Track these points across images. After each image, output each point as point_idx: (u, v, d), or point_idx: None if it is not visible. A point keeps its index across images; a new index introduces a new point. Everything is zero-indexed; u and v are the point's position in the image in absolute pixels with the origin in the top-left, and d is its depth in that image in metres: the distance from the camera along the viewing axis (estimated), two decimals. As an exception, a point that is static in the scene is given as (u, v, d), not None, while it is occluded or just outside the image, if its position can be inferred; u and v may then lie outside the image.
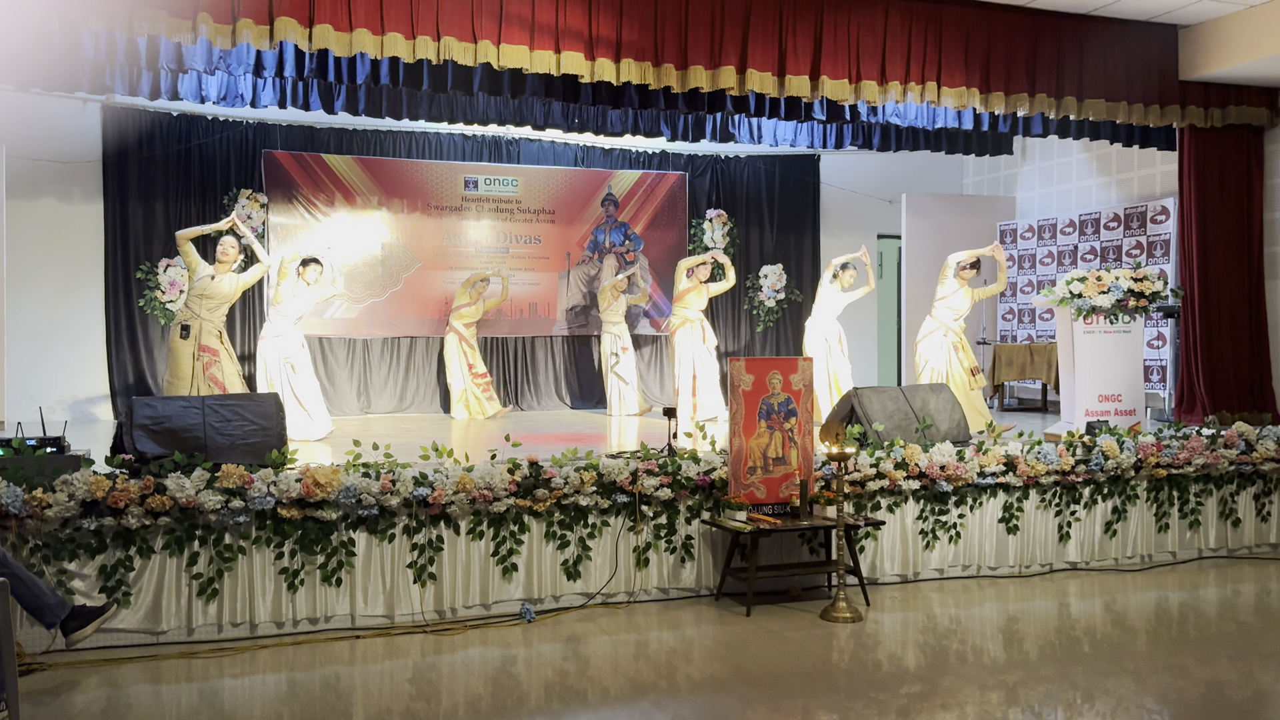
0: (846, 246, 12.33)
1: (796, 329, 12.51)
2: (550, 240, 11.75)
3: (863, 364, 11.64)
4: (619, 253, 11.95)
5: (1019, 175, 12.35)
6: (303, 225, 10.70)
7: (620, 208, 11.99)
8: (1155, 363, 10.21)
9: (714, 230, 12.15)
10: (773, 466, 6.16)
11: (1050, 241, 11.55)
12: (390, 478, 5.58)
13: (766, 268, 12.37)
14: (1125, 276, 8.24)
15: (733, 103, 7.72)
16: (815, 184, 12.59)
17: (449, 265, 11.31)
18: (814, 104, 8.03)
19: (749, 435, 6.11)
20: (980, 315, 12.03)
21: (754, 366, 6.17)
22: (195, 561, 5.34)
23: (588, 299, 11.84)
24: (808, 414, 6.26)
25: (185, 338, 8.01)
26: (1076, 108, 8.19)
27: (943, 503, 6.65)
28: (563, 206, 11.79)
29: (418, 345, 11.28)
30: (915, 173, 12.65)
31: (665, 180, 12.16)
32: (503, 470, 5.79)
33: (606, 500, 5.96)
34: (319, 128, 10.91)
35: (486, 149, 11.52)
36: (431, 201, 11.32)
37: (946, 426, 7.28)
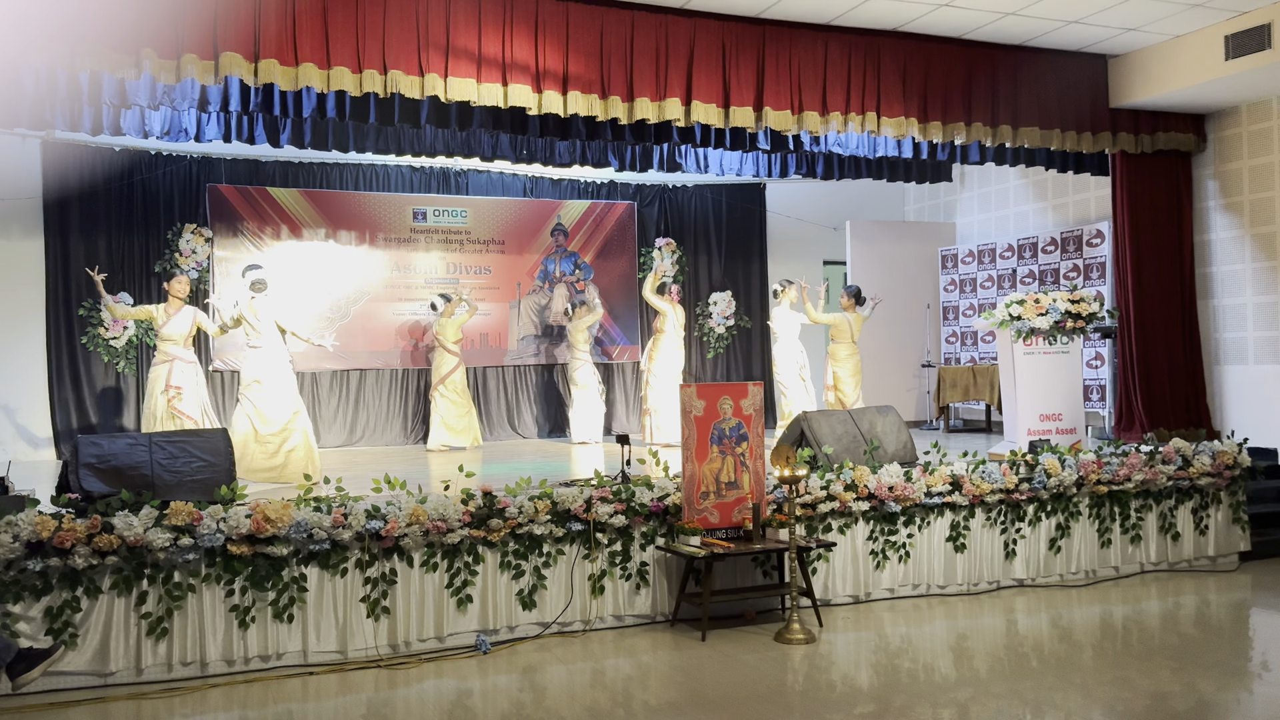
0: (793, 273, 12.50)
1: (746, 354, 12.63)
2: (500, 270, 11.77)
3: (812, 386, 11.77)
4: (569, 282, 12.00)
5: (959, 201, 12.61)
6: (248, 259, 10.60)
7: (570, 237, 12.05)
8: (1094, 382, 10.45)
9: (663, 258, 12.25)
10: (725, 491, 6.20)
11: (990, 265, 11.80)
12: (342, 511, 5.54)
13: (715, 295, 12.49)
14: (1063, 299, 8.44)
15: (679, 133, 7.83)
16: (761, 212, 12.75)
17: (398, 297, 11.27)
18: (758, 134, 8.17)
19: (701, 460, 6.16)
20: (924, 338, 12.23)
21: (705, 392, 6.23)
22: (144, 601, 5.25)
23: (539, 328, 11.86)
24: (759, 438, 6.33)
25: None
26: (1012, 135, 8.42)
27: (892, 523, 6.73)
28: (512, 237, 11.82)
29: (367, 378, 11.21)
30: (858, 200, 12.87)
31: (614, 210, 12.25)
32: (456, 501, 5.78)
33: (561, 529, 5.96)
34: (264, 161, 10.86)
35: (435, 180, 11.53)
36: (380, 233, 11.30)
37: (894, 448, 7.38)
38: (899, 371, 12.15)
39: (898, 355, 12.14)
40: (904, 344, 12.21)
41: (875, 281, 11.76)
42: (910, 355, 12.27)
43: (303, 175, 11.06)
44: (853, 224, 12.15)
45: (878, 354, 11.77)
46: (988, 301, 11.73)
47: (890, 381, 11.90)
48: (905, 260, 12.28)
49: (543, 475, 7.00)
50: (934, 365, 12.05)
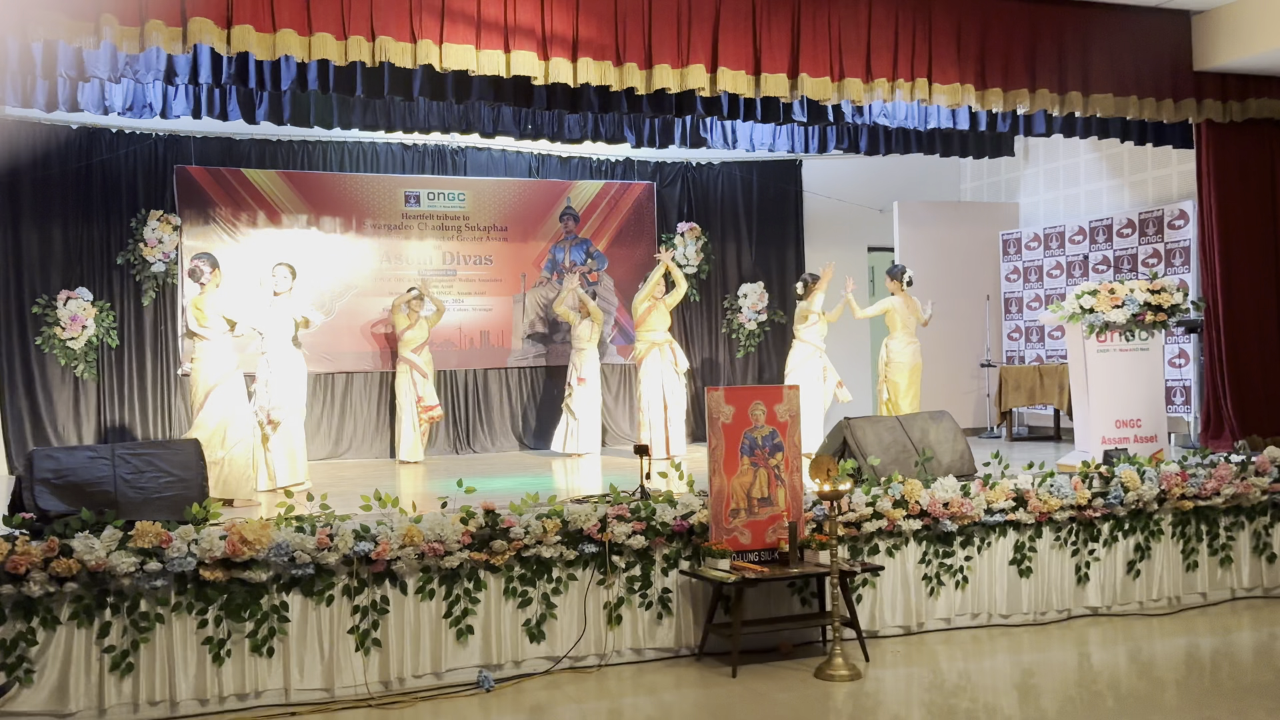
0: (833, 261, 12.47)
1: (780, 354, 12.60)
2: (503, 260, 11.80)
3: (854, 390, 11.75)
4: (581, 272, 12.03)
5: (1022, 179, 12.56)
6: (221, 248, 10.67)
7: (581, 222, 12.07)
8: (1177, 383, 10.38)
9: (686, 246, 12.27)
10: (758, 508, 6.21)
11: (1058, 251, 11.75)
12: (327, 532, 5.57)
13: (746, 286, 12.50)
14: (1141, 288, 8.40)
15: (703, 104, 7.83)
16: (797, 192, 12.74)
17: (388, 291, 11.32)
18: (793, 104, 8.17)
19: (731, 473, 6.17)
20: (983, 334, 12.19)
21: (734, 397, 6.23)
22: (107, 632, 5.30)
23: (546, 325, 11.89)
24: (795, 448, 6.33)
25: None
26: (1082, 104, 8.37)
27: (947, 544, 6.72)
28: (516, 222, 11.85)
29: (355, 381, 11.27)
30: (908, 178, 12.84)
31: (630, 191, 12.27)
32: (455, 520, 5.80)
33: (573, 551, 5.98)
34: (239, 139, 10.93)
35: (429, 160, 11.58)
36: (368, 219, 11.35)
37: (949, 458, 7.37)
38: (955, 372, 12.11)
39: (953, 354, 12.10)
40: (960, 341, 12.17)
41: (927, 270, 11.73)
42: (968, 354, 12.23)
43: (281, 155, 11.13)
44: (901, 205, 12.12)
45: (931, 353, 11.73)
46: (1055, 292, 11.68)
47: (945, 384, 11.87)
48: (961, 246, 12.25)
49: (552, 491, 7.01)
50: (994, 365, 12.01)
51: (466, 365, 11.64)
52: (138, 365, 10.56)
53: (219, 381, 7.75)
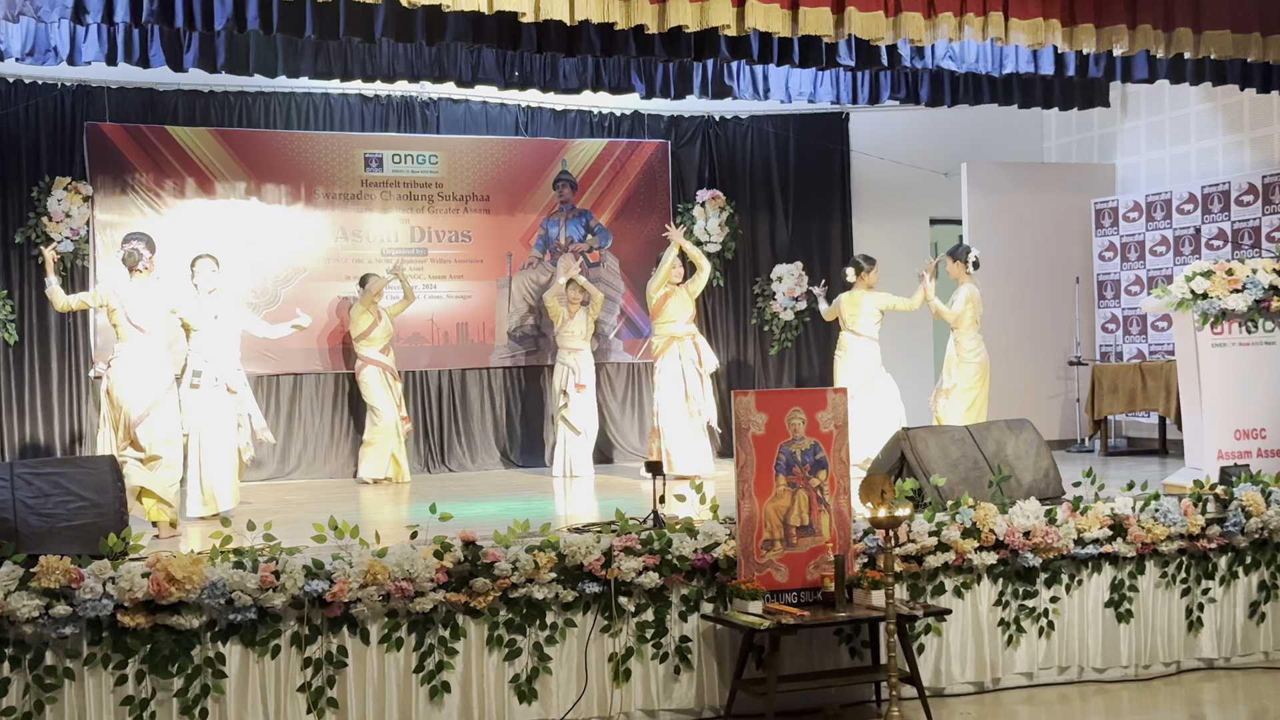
0: (887, 236, 12.45)
1: (824, 348, 12.58)
2: (485, 237, 11.80)
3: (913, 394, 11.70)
4: (579, 251, 12.03)
5: (1119, 135, 12.53)
6: (141, 222, 10.71)
7: (579, 190, 12.07)
8: (1311, 384, 10.35)
9: (708, 218, 12.25)
10: (797, 538, 6.20)
11: (1163, 223, 11.72)
12: (272, 568, 5.58)
13: (780, 268, 12.48)
14: (1266, 268, 8.36)
15: (728, 45, 7.81)
16: (844, 153, 12.72)
17: (345, 274, 11.33)
18: (839, 45, 8.13)
19: (763, 496, 6.16)
20: (1071, 325, 12.16)
21: (767, 402, 6.22)
22: (5, 691, 5.30)
23: (537, 315, 11.91)
24: (843, 465, 6.31)
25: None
26: (1193, 43, 8.32)
27: (1029, 582, 6.70)
28: (501, 191, 11.85)
29: (304, 386, 11.28)
30: (979, 136, 12.80)
31: (640, 152, 12.26)
32: (427, 553, 5.80)
33: (571, 591, 5.97)
34: (163, 91, 10.95)
35: (394, 115, 11.59)
36: (319, 188, 11.37)
37: (1031, 477, 7.35)
38: (1036, 372, 12.07)
39: (1035, 350, 12.06)
40: (1044, 334, 12.13)
41: (1003, 247, 11.70)
42: (1052, 350, 12.20)
43: (215, 110, 11.15)
44: (971, 168, 12.08)
45: (1006, 348, 11.72)
46: (1160, 273, 11.65)
47: (1024, 386, 11.83)
48: (1044, 217, 12.21)
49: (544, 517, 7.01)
50: (1085, 363, 11.98)
51: (440, 365, 11.65)
52: (41, 366, 10.58)
53: (159, 398, 7.87)
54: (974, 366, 10.11)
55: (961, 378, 10.09)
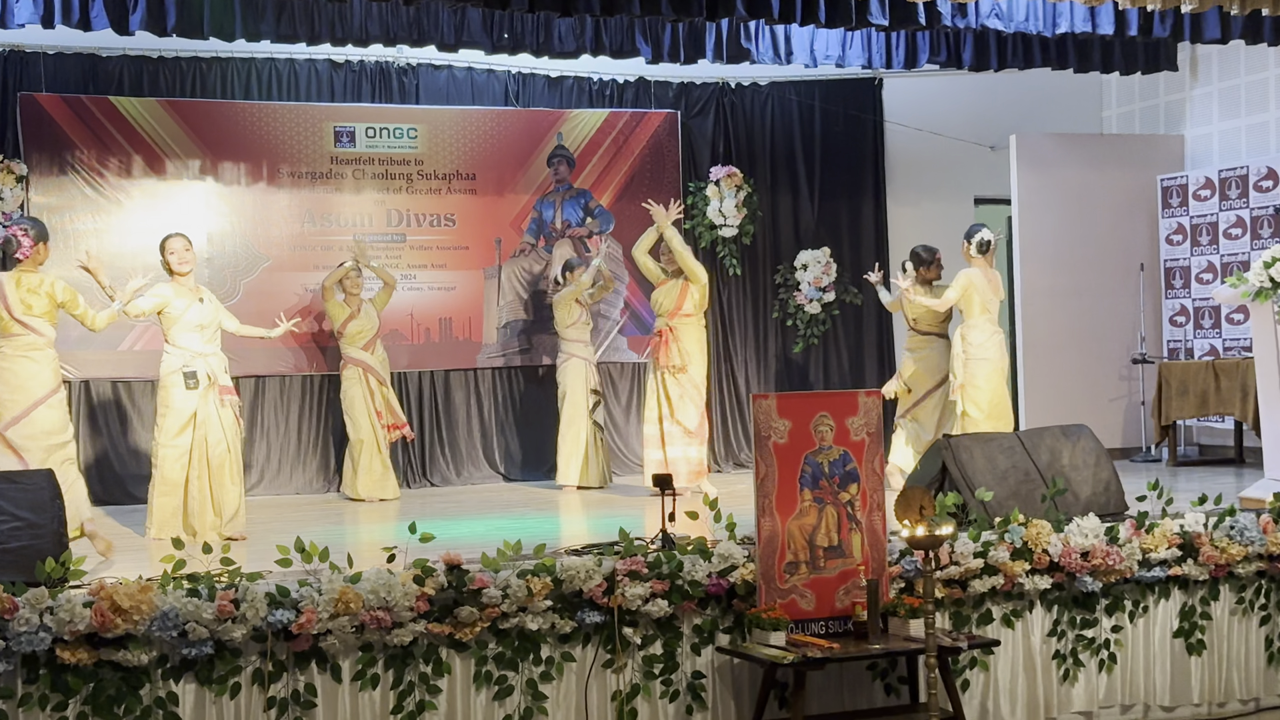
0: (926, 218, 12.42)
1: (855, 345, 12.59)
2: (471, 221, 11.80)
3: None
4: (577, 236, 12.02)
5: (1189, 103, 12.50)
6: (81, 205, 10.70)
7: (577, 168, 12.06)
8: (1407, 384, 10.32)
9: (723, 198, 12.23)
10: (824, 560, 6.19)
11: (1239, 202, 11.69)
12: (231, 596, 5.57)
13: (805, 254, 12.47)
14: (1355, 253, 8.34)
15: (745, 2, 7.80)
16: (877, 124, 12.71)
17: (312, 264, 11.33)
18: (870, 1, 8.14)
19: (786, 513, 6.15)
20: (1135, 317, 12.14)
21: (791, 407, 6.21)
22: (-71, 736, 5.32)
23: (530, 309, 11.90)
24: (876, 477, 6.30)
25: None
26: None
27: (1088, 609, 6.69)
28: (488, 169, 11.84)
29: (268, 389, 11.29)
30: (1029, 104, 12.78)
31: (645, 124, 12.25)
32: (406, 579, 5.80)
33: (569, 621, 5.97)
34: (106, 57, 10.95)
35: (367, 83, 11.59)
36: (284, 166, 11.37)
37: (1089, 490, 7.34)
38: (1095, 372, 12.05)
39: (1093, 346, 12.04)
40: (1103, 328, 12.10)
41: (1057, 230, 11.67)
42: (1113, 346, 12.17)
43: (165, 78, 11.14)
44: (1020, 140, 12.06)
45: (1061, 344, 11.69)
46: (1235, 259, 11.62)
47: (1082, 387, 11.81)
48: (1104, 196, 12.18)
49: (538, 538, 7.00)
50: (1151, 361, 11.95)
51: (421, 365, 11.64)
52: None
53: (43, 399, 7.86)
54: (984, 364, 9.90)
55: (971, 376, 9.91)
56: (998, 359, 9.89)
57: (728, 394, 12.32)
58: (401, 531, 6.51)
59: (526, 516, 9.34)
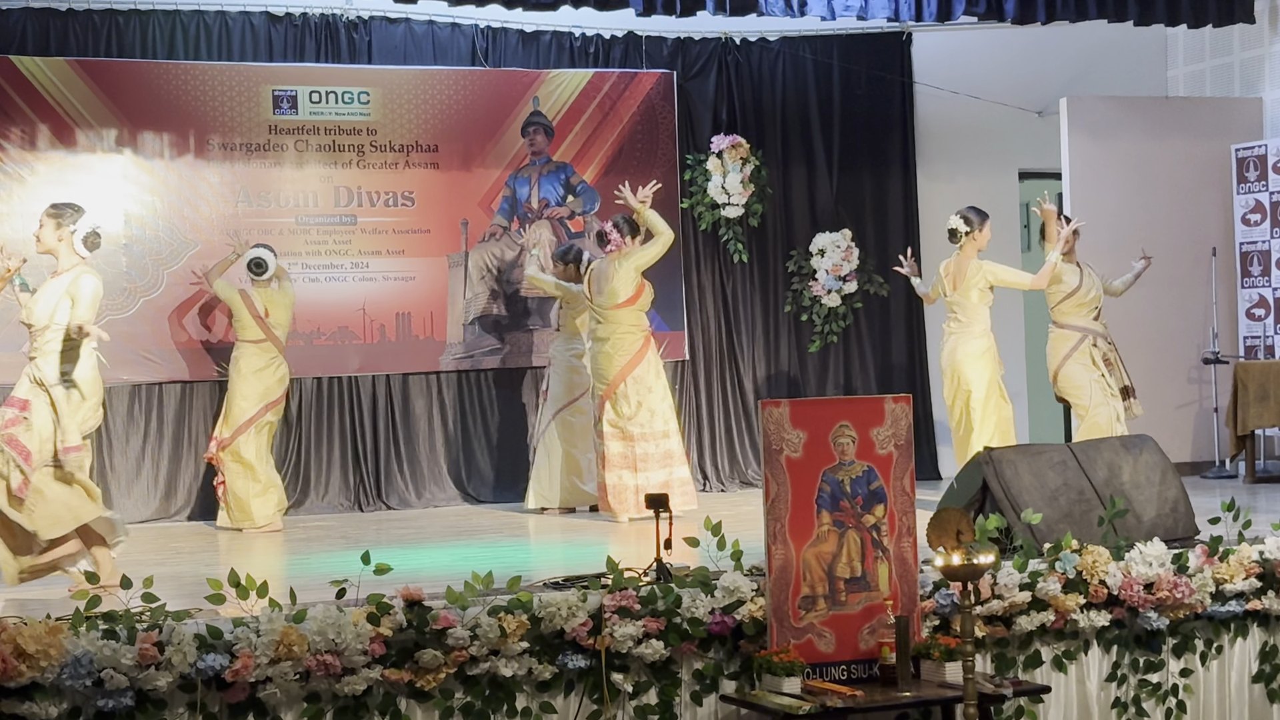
0: (963, 193, 12.38)
1: (881, 343, 12.57)
2: (432, 199, 11.79)
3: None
4: (556, 217, 12.00)
5: (1267, 61, 12.51)
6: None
7: (557, 138, 12.05)
8: None
9: (726, 173, 12.21)
10: (846, 594, 6.18)
11: (1327, 176, 11.74)
12: (154, 638, 5.56)
13: (823, 237, 12.47)
14: None
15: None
16: (906, 86, 12.73)
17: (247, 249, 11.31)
18: (897, -58, 8.16)
19: (801, 539, 6.14)
20: (1206, 311, 12.14)
21: (806, 414, 6.21)
22: None
23: (503, 301, 11.89)
24: (906, 497, 6.30)
25: None
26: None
27: (1152, 650, 6.70)
28: (453, 139, 11.83)
29: (195, 396, 11.26)
30: (1083, 62, 12.79)
31: (636, 86, 12.24)
32: (359, 618, 5.79)
33: (549, 666, 5.97)
34: (5, 10, 10.89)
35: (311, 40, 11.56)
36: (214, 136, 11.34)
37: (1154, 511, 7.34)
38: (1160, 373, 12.05)
39: (1157, 343, 12.04)
40: (1169, 322, 12.10)
41: (1115, 208, 11.67)
42: (1181, 343, 12.17)
43: (75, 35, 11.11)
44: (1072, 104, 12.06)
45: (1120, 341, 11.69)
46: (1322, 242, 11.66)
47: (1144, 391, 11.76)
48: (1170, 169, 12.18)
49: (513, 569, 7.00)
50: (1225, 360, 11.95)
51: (374, 369, 11.62)
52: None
53: None
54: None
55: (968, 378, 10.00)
56: (987, 356, 10.11)
57: (733, 401, 12.31)
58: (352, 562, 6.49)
59: (499, 544, 9.34)
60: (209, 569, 7.63)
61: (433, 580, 6.46)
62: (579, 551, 8.94)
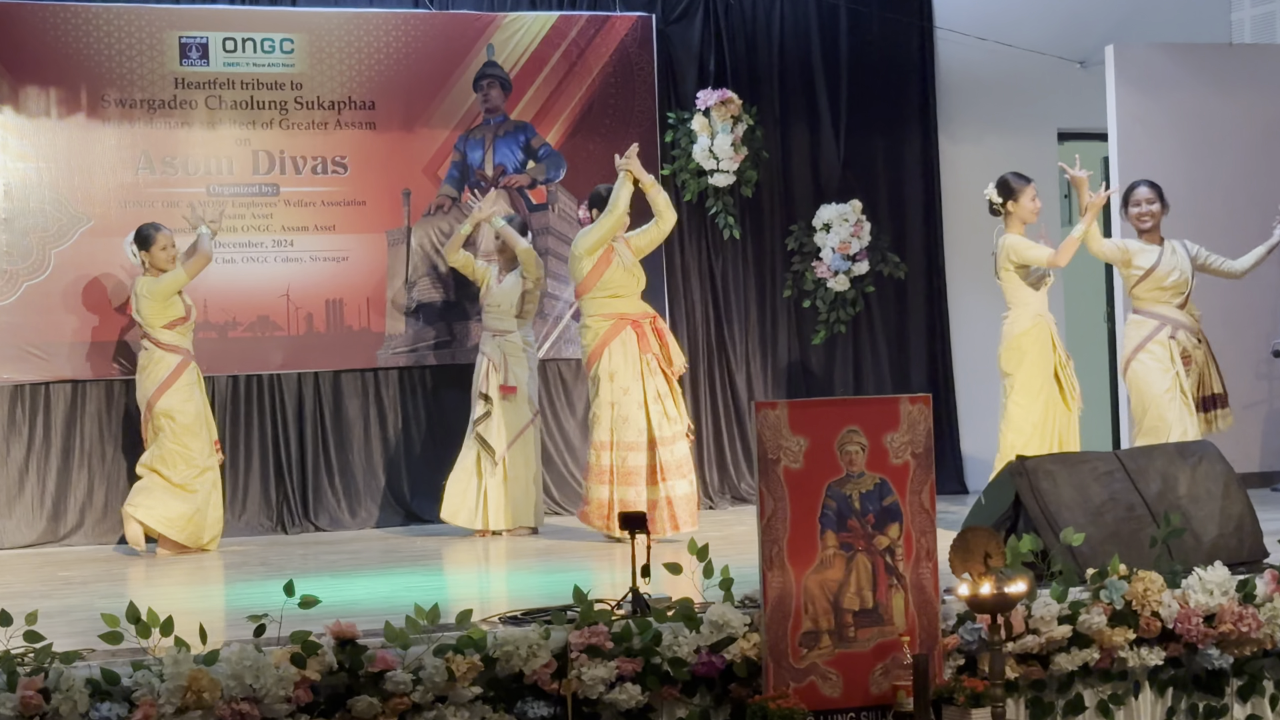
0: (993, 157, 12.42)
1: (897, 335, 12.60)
2: (369, 166, 11.80)
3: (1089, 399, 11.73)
4: (515, 186, 11.99)
5: (1347, 0, 12.58)
6: None
7: (515, 93, 12.06)
8: None
9: (714, 133, 12.21)
10: (855, 629, 6.18)
11: None
12: (39, 684, 5.54)
13: (829, 209, 12.49)
14: None
15: None
16: (925, 32, 12.79)
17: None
18: None
19: (802, 565, 6.13)
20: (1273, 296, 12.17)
21: (808, 418, 6.20)
22: None
23: (450, 287, 11.91)
24: (925, 515, 6.29)
25: None
26: None
27: (1214, 692, 6.71)
28: (393, 95, 11.85)
29: (87, 399, 11.25)
30: (1132, 4, 12.84)
31: (608, 32, 12.27)
32: (281, 658, 5.78)
33: (505, 715, 5.97)
34: None
35: (225, -23, 11.60)
36: (110, 91, 11.35)
37: (1215, 530, 7.35)
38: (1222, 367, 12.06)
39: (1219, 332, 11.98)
40: (1232, 308, 12.12)
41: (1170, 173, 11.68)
42: (1246, 333, 12.21)
43: (-58, -31, 11.14)
44: (1119, 53, 12.09)
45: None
46: None
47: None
48: (1234, 127, 12.22)
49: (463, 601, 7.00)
50: (1295, 353, 12.01)
51: (302, 365, 11.64)
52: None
53: None
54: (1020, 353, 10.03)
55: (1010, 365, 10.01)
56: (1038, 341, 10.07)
57: (723, 402, 12.32)
58: (274, 593, 6.49)
59: (446, 572, 9.33)
60: (104, 602, 7.61)
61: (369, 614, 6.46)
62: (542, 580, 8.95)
